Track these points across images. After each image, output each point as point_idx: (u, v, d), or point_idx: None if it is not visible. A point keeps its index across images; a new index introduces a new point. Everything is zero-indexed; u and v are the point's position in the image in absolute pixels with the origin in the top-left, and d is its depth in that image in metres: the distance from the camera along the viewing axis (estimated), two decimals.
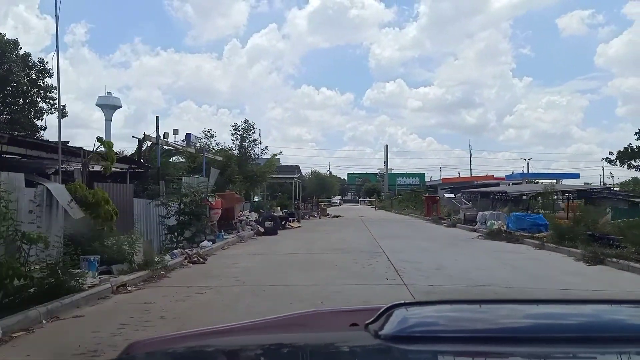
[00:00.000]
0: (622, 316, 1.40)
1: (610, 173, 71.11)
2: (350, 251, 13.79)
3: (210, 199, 16.18)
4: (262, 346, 1.39)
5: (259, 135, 25.32)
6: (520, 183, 49.94)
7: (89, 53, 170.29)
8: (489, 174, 66.45)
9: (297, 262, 11.83)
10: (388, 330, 1.21)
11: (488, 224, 20.07)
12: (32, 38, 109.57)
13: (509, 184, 46.07)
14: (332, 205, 71.53)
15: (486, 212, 21.51)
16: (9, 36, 30.59)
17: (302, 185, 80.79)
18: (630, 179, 60.82)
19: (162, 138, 14.97)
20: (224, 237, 16.28)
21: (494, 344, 1.17)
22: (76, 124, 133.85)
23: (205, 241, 14.88)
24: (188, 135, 24.65)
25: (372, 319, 1.30)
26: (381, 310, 1.32)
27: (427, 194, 39.22)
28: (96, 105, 56.50)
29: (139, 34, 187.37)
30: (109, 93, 59.00)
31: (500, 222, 19.64)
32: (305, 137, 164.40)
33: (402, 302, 1.39)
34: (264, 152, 25.33)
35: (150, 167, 14.36)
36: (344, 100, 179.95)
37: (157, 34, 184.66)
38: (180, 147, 18.25)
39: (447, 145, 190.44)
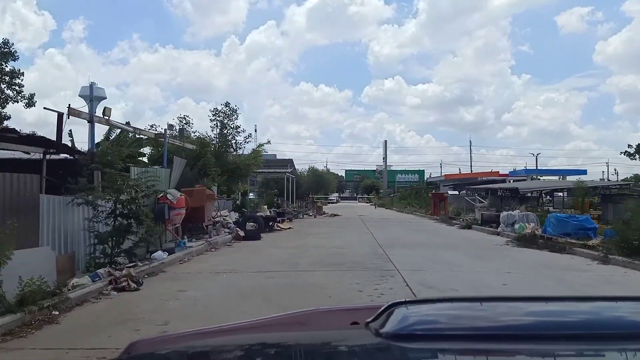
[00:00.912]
0: (625, 313, 1.31)
1: (615, 169, 68.55)
2: (350, 268, 10.01)
3: (169, 196, 12.40)
4: (262, 345, 1.35)
5: (255, 131, 21.56)
6: (525, 179, 47.44)
7: (87, 49, 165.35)
8: (493, 170, 62.77)
9: (272, 287, 8.03)
10: (389, 329, 1.19)
11: (517, 226, 16.31)
12: (30, 34, 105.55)
13: (510, 181, 42.96)
14: (329, 203, 68.21)
15: (512, 212, 17.71)
16: (7, 33, 26.74)
17: (298, 182, 77.41)
18: (631, 175, 57.98)
19: (101, 115, 11.10)
20: (187, 245, 12.47)
21: (496, 342, 1.14)
22: (74, 121, 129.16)
23: (160, 252, 11.11)
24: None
25: (373, 318, 1.28)
26: (382, 309, 1.29)
27: (433, 191, 35.38)
28: (79, 96, 52.26)
29: (137, 30, 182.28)
30: (92, 83, 54.60)
31: (532, 224, 15.87)
32: (304, 134, 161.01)
33: (403, 300, 1.34)
34: (247, 140, 21.41)
35: (80, 152, 10.50)
36: (342, 97, 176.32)
37: (156, 30, 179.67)
38: (130, 129, 14.34)
39: (445, 143, 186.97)
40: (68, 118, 10.16)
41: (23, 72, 30.84)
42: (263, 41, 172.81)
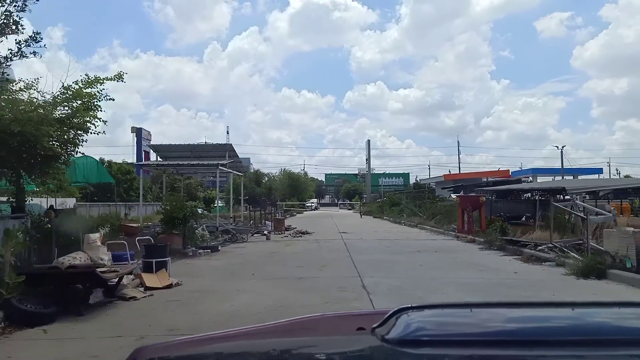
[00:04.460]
0: (619, 318, 1.25)
1: (617, 170, 61.70)
2: None
3: None
4: (268, 350, 1.28)
5: (228, 132, 9.44)
6: (530, 179, 40.76)
7: (66, 56, 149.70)
8: (501, 169, 51.01)
9: None
10: (395, 334, 1.11)
11: None
12: (7, 41, 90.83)
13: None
14: (305, 210, 55.34)
15: None
16: None
17: (270, 187, 63.47)
18: (622, 177, 50.15)
19: None
20: None
21: (503, 348, 1.05)
22: None
23: None
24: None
25: (378, 323, 1.19)
26: (388, 314, 1.21)
27: (461, 193, 22.55)
28: None
29: (118, 36, 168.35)
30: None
31: None
32: (285, 140, 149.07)
33: (409, 305, 1.26)
34: (24, 49, 8.10)
35: None
36: (324, 103, 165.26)
37: (137, 36, 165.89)
38: None
39: (425, 147, 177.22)
40: None
41: None
42: (245, 47, 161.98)
